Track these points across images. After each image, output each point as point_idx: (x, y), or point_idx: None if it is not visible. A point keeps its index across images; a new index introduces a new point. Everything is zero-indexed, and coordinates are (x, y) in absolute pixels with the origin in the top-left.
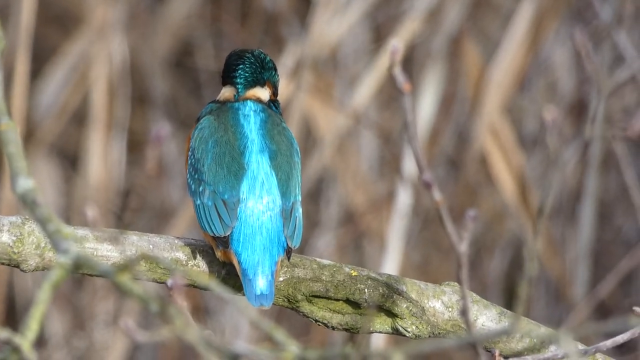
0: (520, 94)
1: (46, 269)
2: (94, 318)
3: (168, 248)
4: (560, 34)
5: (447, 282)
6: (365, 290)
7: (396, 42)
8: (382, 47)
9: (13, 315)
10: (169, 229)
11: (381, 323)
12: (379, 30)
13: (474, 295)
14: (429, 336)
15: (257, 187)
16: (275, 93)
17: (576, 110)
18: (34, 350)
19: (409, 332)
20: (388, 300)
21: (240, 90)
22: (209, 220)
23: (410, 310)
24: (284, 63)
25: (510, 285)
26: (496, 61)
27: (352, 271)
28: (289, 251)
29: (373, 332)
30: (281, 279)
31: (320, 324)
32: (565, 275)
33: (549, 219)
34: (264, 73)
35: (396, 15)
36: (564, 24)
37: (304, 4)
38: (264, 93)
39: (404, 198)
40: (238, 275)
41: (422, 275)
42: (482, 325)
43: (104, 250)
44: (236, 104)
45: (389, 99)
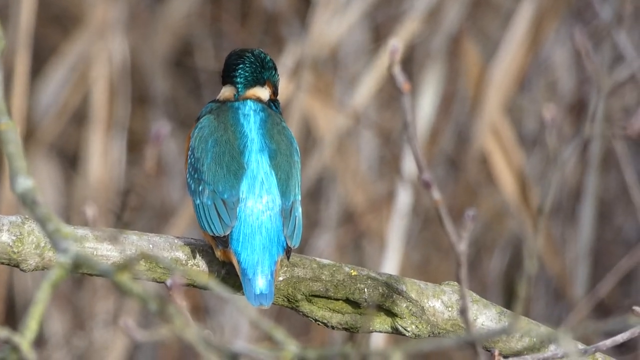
0: (520, 93)
1: (46, 268)
2: (93, 317)
3: (168, 247)
4: (560, 33)
5: (447, 282)
6: (365, 289)
7: (396, 42)
8: (382, 47)
9: (13, 315)
10: (168, 229)
11: (381, 323)
12: (378, 30)
13: (474, 294)
14: (429, 336)
15: (257, 187)
16: (275, 93)
17: (576, 110)
18: (33, 349)
19: (408, 332)
20: (388, 299)
21: (240, 89)
22: (209, 219)
23: (410, 309)
24: (284, 63)
25: (510, 285)
26: (496, 61)
27: (352, 271)
28: (288, 251)
29: (373, 332)
30: (281, 278)
31: (320, 324)
32: (565, 275)
33: (549, 218)
34: (264, 73)
35: (396, 15)
36: (564, 23)
37: (304, 4)
38: (263, 92)
39: (404, 198)
40: (238, 275)
41: (422, 275)
42: (482, 324)
43: (103, 250)
44: (236, 103)
45: (388, 98)
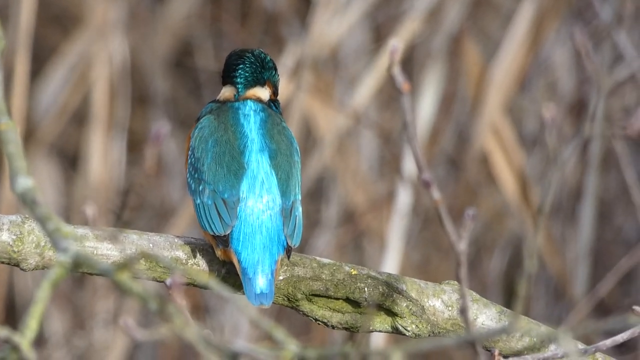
0: (520, 93)
1: (46, 267)
2: (94, 317)
3: (168, 247)
4: (561, 33)
5: (447, 281)
6: (365, 289)
7: (395, 42)
8: (382, 47)
9: (13, 314)
10: (169, 228)
11: (381, 322)
12: (379, 30)
13: (474, 294)
14: (429, 335)
15: (257, 186)
16: (275, 93)
17: (576, 110)
18: (33, 349)
19: (408, 331)
20: (388, 299)
21: (240, 89)
22: (209, 219)
23: (410, 309)
24: (284, 63)
25: (510, 284)
26: (496, 61)
27: (352, 270)
28: (288, 250)
29: (373, 331)
30: (281, 277)
31: (320, 323)
32: (565, 274)
33: (549, 218)
34: (264, 73)
35: (396, 15)
36: (565, 23)
37: (304, 4)
38: (264, 93)
39: (404, 197)
40: (238, 274)
41: (422, 275)
42: (482, 324)
43: (103, 249)
44: (236, 103)
45: (389, 98)
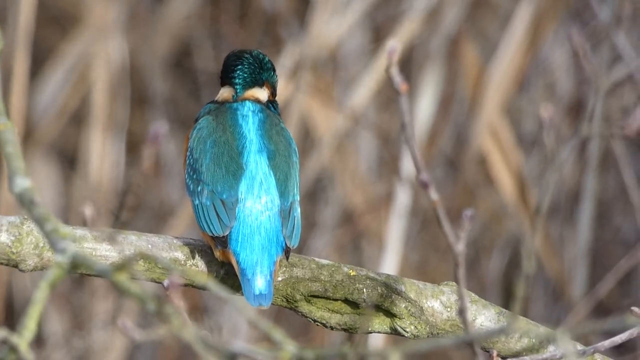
0: (518, 94)
1: (45, 268)
2: (92, 318)
3: (167, 248)
4: (559, 34)
5: (446, 282)
6: (364, 290)
7: (393, 43)
8: (381, 48)
9: (11, 315)
10: (167, 229)
11: (380, 323)
12: (378, 30)
13: (473, 295)
14: (428, 336)
15: (256, 187)
16: (273, 93)
17: (574, 110)
18: (32, 350)
19: (407, 332)
20: (387, 300)
21: (238, 90)
22: (208, 220)
23: (409, 310)
24: (283, 64)
25: (508, 285)
26: (495, 62)
27: (351, 271)
28: (287, 251)
29: (371, 332)
30: (280, 278)
31: (318, 324)
32: (564, 275)
33: (548, 218)
34: (262, 73)
35: (395, 16)
36: (563, 24)
37: (303, 4)
38: (262, 93)
39: (403, 198)
40: (237, 275)
41: (421, 276)
42: (481, 325)
43: (102, 250)
44: (235, 104)
45: (387, 99)
